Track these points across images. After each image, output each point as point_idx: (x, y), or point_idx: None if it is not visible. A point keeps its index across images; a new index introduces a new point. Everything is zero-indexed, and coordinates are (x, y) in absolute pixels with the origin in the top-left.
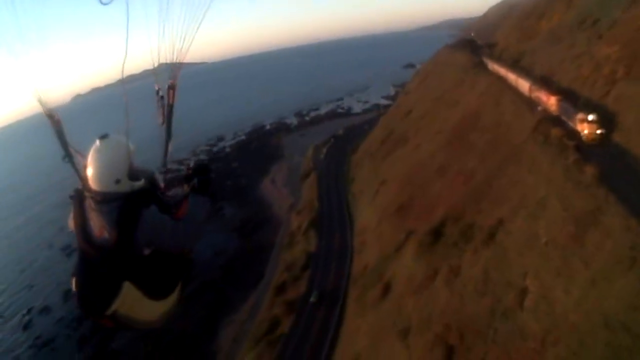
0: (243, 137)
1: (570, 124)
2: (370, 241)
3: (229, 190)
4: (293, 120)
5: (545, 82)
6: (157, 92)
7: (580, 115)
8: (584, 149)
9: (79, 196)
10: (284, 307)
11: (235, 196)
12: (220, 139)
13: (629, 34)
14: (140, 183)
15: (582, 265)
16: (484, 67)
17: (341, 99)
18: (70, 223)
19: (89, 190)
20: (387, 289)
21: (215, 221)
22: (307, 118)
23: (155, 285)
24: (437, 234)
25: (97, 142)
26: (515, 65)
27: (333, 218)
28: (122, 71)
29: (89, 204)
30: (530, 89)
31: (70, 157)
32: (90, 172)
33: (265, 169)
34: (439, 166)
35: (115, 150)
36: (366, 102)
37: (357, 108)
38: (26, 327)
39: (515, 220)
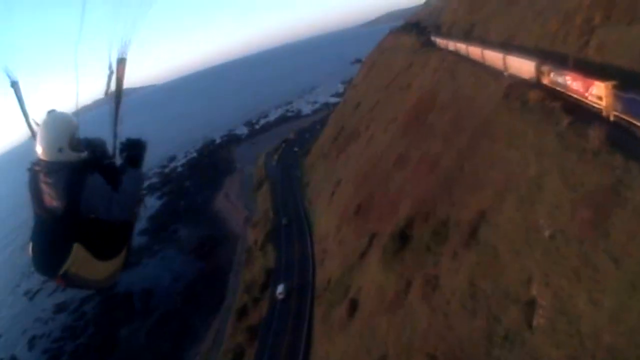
0: (194, 155)
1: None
2: (331, 249)
3: (183, 210)
4: (243, 131)
5: (563, 60)
6: (109, 67)
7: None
8: (574, 110)
9: (34, 169)
10: (247, 334)
11: (189, 216)
12: (172, 159)
13: None
14: (84, 154)
15: (611, 263)
16: (433, 45)
17: (290, 102)
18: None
19: (39, 162)
20: (354, 307)
21: (171, 244)
22: (257, 126)
23: (102, 247)
24: (403, 237)
25: (46, 115)
26: (468, 36)
27: (291, 227)
28: (76, 59)
29: (40, 176)
30: (539, 71)
31: (32, 129)
32: (38, 142)
33: (217, 183)
34: (398, 156)
35: (59, 122)
36: (315, 102)
37: (307, 109)
38: None
39: (503, 210)
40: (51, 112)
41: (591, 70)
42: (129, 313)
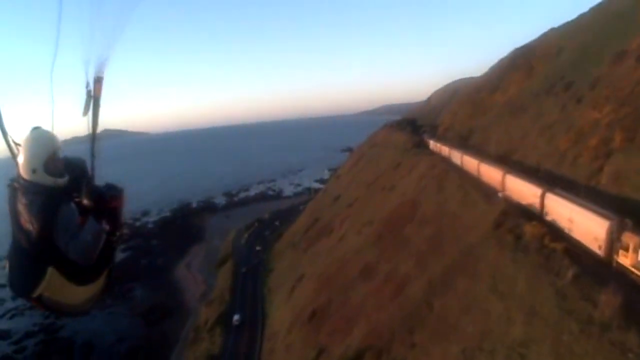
0: (168, 214)
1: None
2: (278, 351)
3: (143, 269)
4: (221, 200)
5: (569, 186)
6: (87, 86)
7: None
8: (581, 258)
9: (13, 185)
10: None
11: (148, 277)
12: (145, 213)
13: (626, 89)
14: (62, 180)
15: None
16: (425, 147)
17: (273, 180)
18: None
19: (18, 179)
20: None
21: (124, 302)
22: (235, 199)
23: (79, 272)
24: None
25: (29, 131)
26: (464, 143)
27: (244, 314)
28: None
29: (18, 195)
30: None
31: (9, 145)
32: (19, 159)
33: (183, 250)
34: (365, 266)
35: (38, 142)
36: (298, 185)
37: (289, 191)
38: None
39: None
40: (35, 130)
41: (604, 203)
42: None
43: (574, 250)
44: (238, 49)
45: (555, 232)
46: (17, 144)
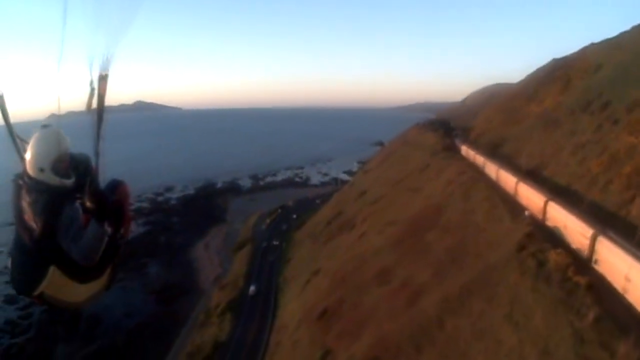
0: (192, 192)
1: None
2: (284, 345)
3: (161, 246)
4: (247, 183)
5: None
6: (90, 83)
7: None
8: (606, 296)
9: (17, 182)
10: None
11: (164, 255)
12: (169, 188)
13: None
14: (70, 181)
15: None
16: (456, 151)
17: (302, 167)
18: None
19: (23, 176)
20: None
21: (137, 278)
22: (261, 182)
23: (81, 270)
24: None
25: (38, 130)
26: (494, 152)
27: (257, 302)
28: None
29: (22, 192)
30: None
31: (15, 141)
32: (26, 156)
33: (203, 230)
34: (382, 269)
35: (48, 140)
36: (326, 174)
37: (316, 180)
38: None
39: None
40: (45, 128)
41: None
42: (71, 332)
43: (600, 288)
44: (278, 32)
45: (580, 263)
46: (22, 140)
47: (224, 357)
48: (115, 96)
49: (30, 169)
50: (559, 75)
